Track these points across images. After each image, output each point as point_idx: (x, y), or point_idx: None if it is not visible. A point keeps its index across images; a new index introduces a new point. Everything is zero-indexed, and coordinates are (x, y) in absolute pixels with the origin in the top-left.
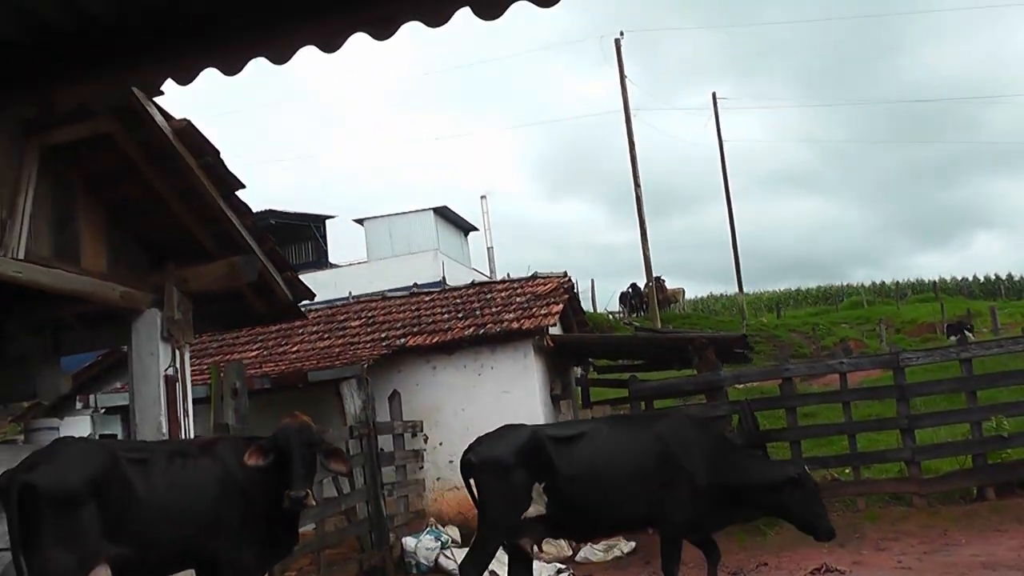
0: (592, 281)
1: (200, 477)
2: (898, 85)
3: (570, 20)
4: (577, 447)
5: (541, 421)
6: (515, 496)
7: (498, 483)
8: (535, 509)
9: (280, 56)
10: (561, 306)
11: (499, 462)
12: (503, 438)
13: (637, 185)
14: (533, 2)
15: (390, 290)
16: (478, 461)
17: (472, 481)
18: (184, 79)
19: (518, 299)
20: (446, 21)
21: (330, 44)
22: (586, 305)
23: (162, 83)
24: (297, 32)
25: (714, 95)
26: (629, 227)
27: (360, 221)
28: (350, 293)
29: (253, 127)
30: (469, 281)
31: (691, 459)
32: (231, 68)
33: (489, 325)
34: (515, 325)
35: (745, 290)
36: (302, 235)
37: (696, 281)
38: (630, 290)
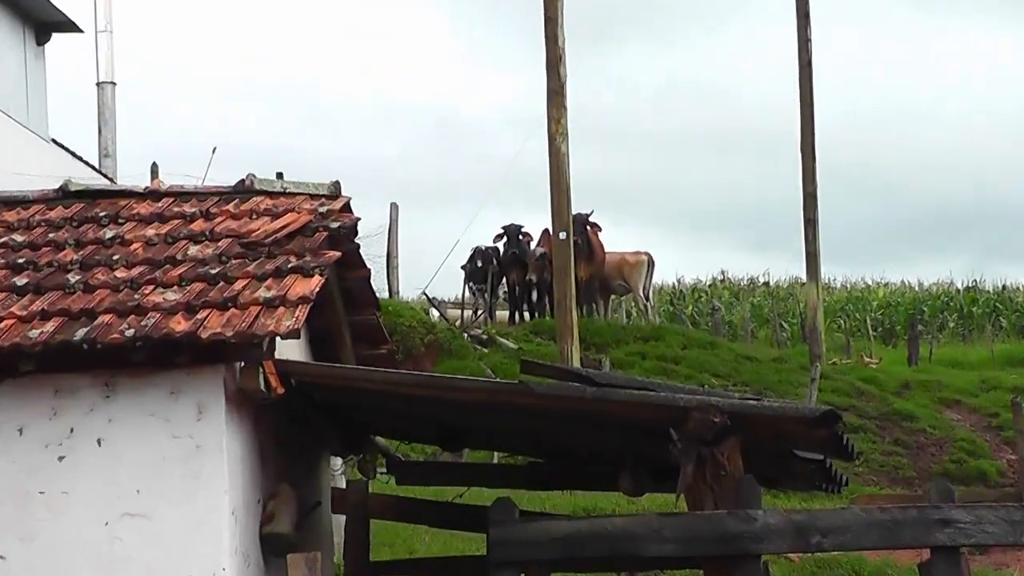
0: (394, 208)
1: None
2: None
3: None
4: None
5: None
6: None
7: None
8: None
9: None
10: (319, 279)
11: None
12: None
13: None
14: None
15: None
16: None
17: None
18: None
19: (206, 246)
20: None
21: None
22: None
23: None
24: None
25: None
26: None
27: None
28: None
29: None
30: (64, 178)
31: None
32: None
33: (106, 318)
34: (182, 326)
35: (825, 273)
36: None
37: (683, 231)
38: (499, 245)
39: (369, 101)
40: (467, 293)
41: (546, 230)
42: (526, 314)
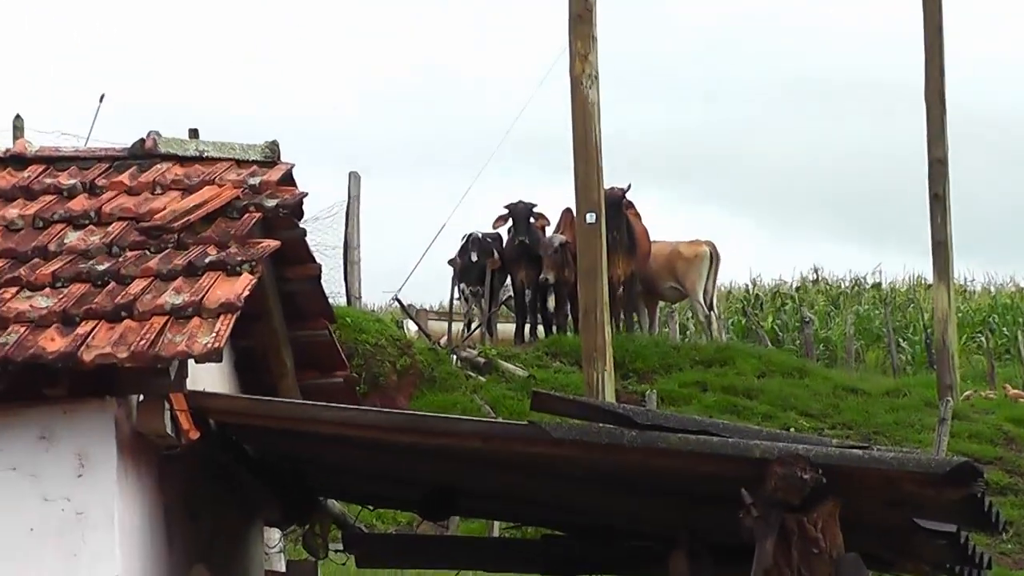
0: (354, 179)
1: None
2: None
3: None
4: None
5: None
6: None
7: None
8: None
9: None
10: (248, 278)
11: None
12: None
13: None
14: None
15: None
16: None
17: None
18: None
19: (91, 232)
20: None
21: None
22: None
23: None
24: None
25: None
26: None
27: None
28: None
29: None
30: None
31: None
32: None
33: None
34: (57, 344)
35: (959, 272)
36: None
37: (760, 213)
38: (502, 232)
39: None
40: (457, 299)
41: (567, 210)
42: (539, 328)
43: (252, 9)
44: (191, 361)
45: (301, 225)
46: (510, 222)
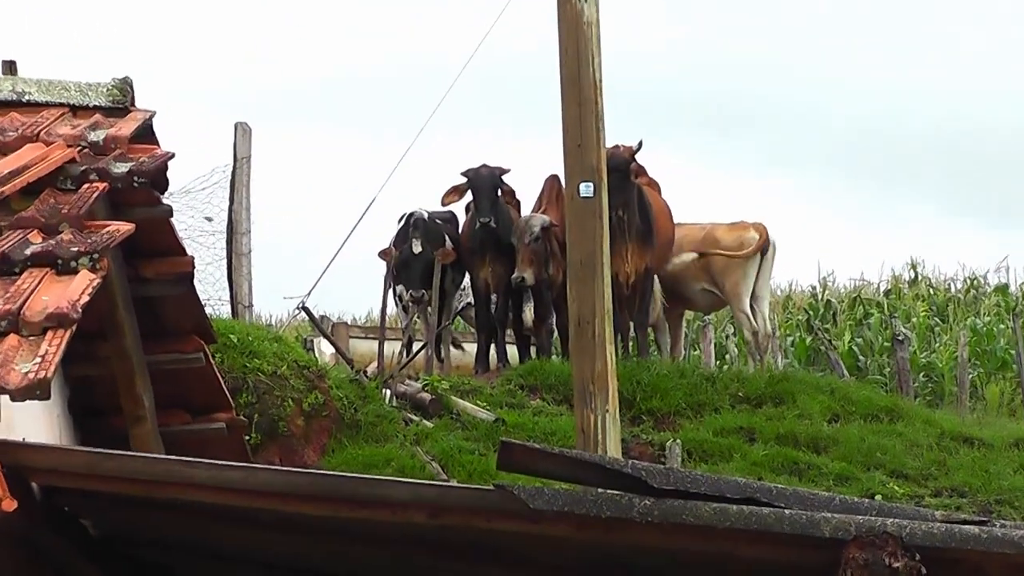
0: (242, 132)
1: None
2: None
3: None
4: None
5: None
6: None
7: None
8: None
9: None
10: (89, 278)
11: None
12: None
13: None
14: None
15: None
16: None
17: None
18: None
19: None
20: None
21: None
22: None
23: None
24: None
25: None
26: None
27: None
28: None
29: None
30: None
31: None
32: None
33: None
34: None
35: None
36: None
37: (832, 183)
38: (455, 209)
39: None
40: (392, 307)
41: (553, 178)
42: (511, 349)
43: (251, 9)
44: (5, 399)
45: (166, 201)
46: (469, 196)
